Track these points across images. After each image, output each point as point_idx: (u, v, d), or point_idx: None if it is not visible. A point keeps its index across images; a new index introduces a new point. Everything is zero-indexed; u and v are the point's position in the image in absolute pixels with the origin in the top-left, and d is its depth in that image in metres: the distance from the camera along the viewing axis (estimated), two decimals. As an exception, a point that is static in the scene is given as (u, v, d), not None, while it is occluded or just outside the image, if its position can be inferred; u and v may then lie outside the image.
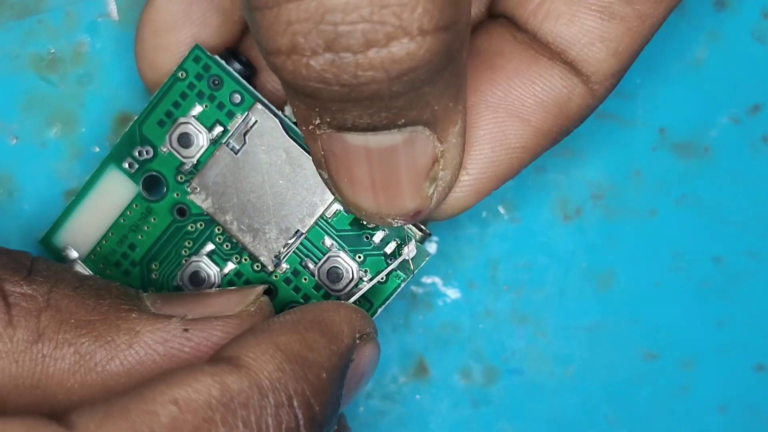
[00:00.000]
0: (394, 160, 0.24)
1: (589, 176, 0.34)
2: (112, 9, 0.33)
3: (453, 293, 0.34)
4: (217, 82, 0.28)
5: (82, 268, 0.30)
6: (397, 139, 0.24)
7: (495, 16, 0.29)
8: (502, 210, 0.34)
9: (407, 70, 0.21)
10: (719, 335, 0.34)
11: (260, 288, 0.27)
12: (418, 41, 0.21)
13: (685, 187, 0.34)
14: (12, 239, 0.32)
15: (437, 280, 0.34)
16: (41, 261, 0.26)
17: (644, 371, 0.34)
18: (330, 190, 0.27)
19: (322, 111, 0.23)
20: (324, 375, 0.24)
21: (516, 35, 0.28)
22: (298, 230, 0.28)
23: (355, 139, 0.24)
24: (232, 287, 0.28)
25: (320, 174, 0.26)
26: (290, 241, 0.28)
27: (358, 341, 0.25)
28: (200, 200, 0.28)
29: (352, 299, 0.28)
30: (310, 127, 0.24)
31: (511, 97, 0.27)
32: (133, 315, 0.25)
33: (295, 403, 0.23)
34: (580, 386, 0.34)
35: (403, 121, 0.23)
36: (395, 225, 0.27)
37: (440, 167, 0.25)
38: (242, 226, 0.28)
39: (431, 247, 0.34)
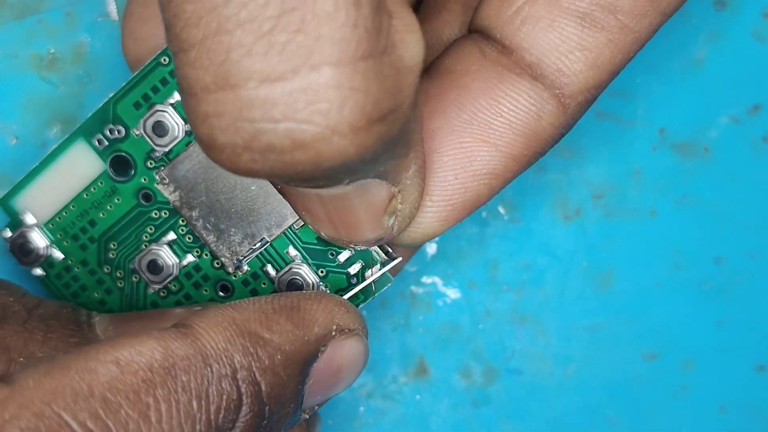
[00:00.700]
0: (348, 204, 0.24)
1: (589, 176, 0.34)
2: (112, 9, 0.33)
3: (453, 293, 0.34)
4: None
5: (39, 235, 0.29)
6: (348, 189, 0.23)
7: (471, 31, 0.28)
8: (502, 210, 0.34)
9: (340, 164, 0.20)
10: (719, 335, 0.34)
11: None
12: (349, 139, 0.19)
13: (685, 187, 0.34)
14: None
15: (437, 280, 0.34)
16: None
17: (644, 371, 0.34)
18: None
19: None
20: (279, 357, 0.23)
21: (486, 50, 0.26)
22: (263, 238, 0.28)
23: (307, 189, 0.23)
24: (182, 308, 0.28)
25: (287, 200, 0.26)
26: (254, 247, 0.28)
27: (336, 334, 0.25)
28: (168, 192, 0.28)
29: None
30: None
31: (477, 119, 0.26)
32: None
33: (239, 377, 0.23)
34: (580, 386, 0.34)
35: (348, 181, 0.22)
36: (359, 248, 0.27)
37: (398, 201, 0.25)
38: (207, 225, 0.28)
39: (431, 248, 0.34)
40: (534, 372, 0.34)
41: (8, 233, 0.30)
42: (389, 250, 0.28)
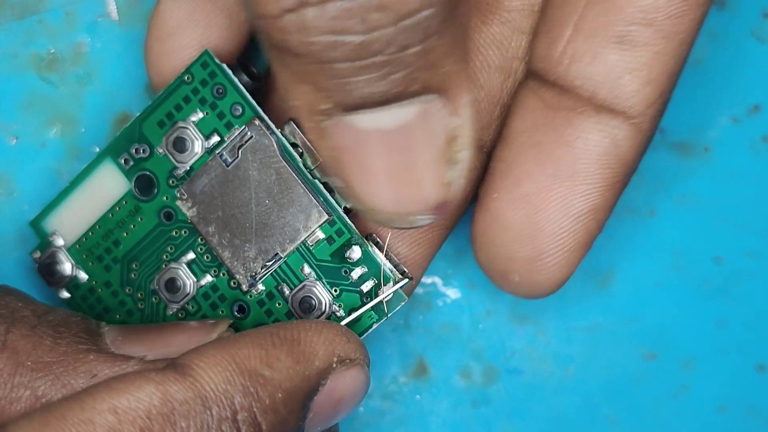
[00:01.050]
0: (411, 139, 0.23)
1: (589, 176, 0.34)
2: (112, 9, 0.33)
3: (453, 293, 0.34)
4: (221, 90, 0.28)
5: (65, 257, 0.30)
6: (410, 114, 0.23)
7: (530, 74, 0.29)
8: (502, 210, 0.34)
9: (413, 10, 0.21)
10: (719, 335, 0.34)
11: (224, 324, 0.27)
12: None
13: (685, 187, 0.34)
14: (11, 239, 0.32)
15: (437, 280, 0.34)
16: None
17: (644, 371, 0.34)
18: (344, 197, 0.26)
19: (330, 86, 0.22)
20: (280, 395, 0.23)
21: (546, 98, 0.27)
22: (277, 254, 0.28)
23: (368, 120, 0.23)
24: (196, 321, 0.28)
25: (333, 182, 0.25)
26: (268, 264, 0.28)
27: (337, 365, 0.25)
28: (186, 207, 0.28)
29: None
30: (317, 117, 0.23)
31: (561, 169, 0.27)
32: (91, 356, 0.25)
33: (239, 418, 0.22)
34: (580, 386, 0.34)
35: (415, 87, 0.22)
36: (420, 224, 0.25)
37: (457, 148, 0.24)
38: (223, 240, 0.28)
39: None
40: (534, 372, 0.34)
41: (38, 254, 0.30)
42: (404, 269, 0.28)
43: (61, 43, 0.33)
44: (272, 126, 0.28)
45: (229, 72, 0.28)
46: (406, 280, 0.27)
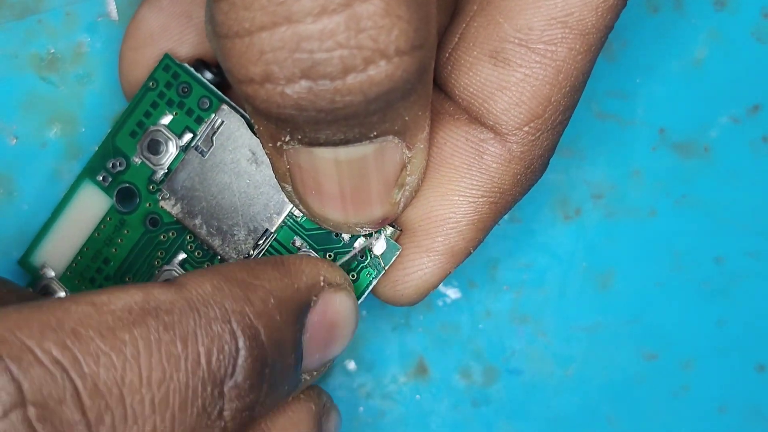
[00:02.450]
0: (364, 170, 0.24)
1: (589, 176, 0.34)
2: (112, 9, 0.33)
3: (453, 293, 0.34)
4: (186, 89, 0.29)
5: (58, 286, 0.30)
6: (367, 150, 0.24)
7: None
8: (502, 210, 0.34)
9: (385, 92, 0.21)
10: (719, 335, 0.34)
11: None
12: (395, 62, 0.21)
13: (685, 187, 0.34)
14: (11, 239, 0.32)
15: (437, 280, 0.34)
16: None
17: (644, 371, 0.34)
18: (293, 203, 0.26)
19: (293, 131, 0.23)
20: (272, 301, 0.23)
21: (435, 102, 0.27)
22: (266, 229, 0.28)
23: (325, 152, 0.24)
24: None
25: (283, 187, 0.26)
26: (260, 242, 0.28)
27: (325, 285, 0.25)
28: (170, 206, 0.29)
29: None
30: (278, 143, 0.24)
31: (435, 172, 0.27)
32: None
33: (233, 320, 0.22)
34: (580, 386, 0.34)
35: (374, 133, 0.23)
36: (362, 233, 0.27)
37: (407, 173, 0.25)
38: (211, 230, 0.28)
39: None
40: (534, 372, 0.34)
41: (30, 291, 0.30)
42: (393, 223, 0.28)
43: (61, 43, 0.33)
44: (238, 108, 0.28)
45: (192, 69, 0.29)
46: (398, 230, 0.28)
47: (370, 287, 0.28)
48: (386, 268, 0.28)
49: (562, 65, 0.25)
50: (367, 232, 0.27)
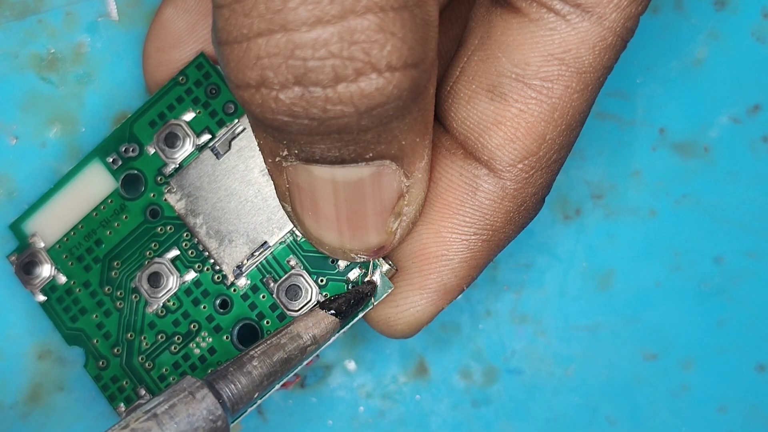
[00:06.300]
0: (361, 194, 0.24)
1: (589, 176, 0.34)
2: (112, 9, 0.33)
3: (453, 293, 0.34)
4: (214, 90, 0.29)
5: (45, 258, 0.29)
6: (364, 173, 0.24)
7: None
8: (502, 210, 0.34)
9: (376, 105, 0.21)
10: (719, 335, 0.34)
11: None
12: (386, 77, 0.21)
13: (685, 187, 0.34)
14: (11, 239, 0.32)
15: (437, 280, 0.34)
16: None
17: (644, 371, 0.34)
18: (293, 222, 0.26)
19: (289, 144, 0.23)
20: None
21: (435, 135, 0.27)
22: (265, 242, 0.28)
23: (322, 171, 0.24)
24: None
25: (283, 206, 0.26)
26: (255, 253, 0.28)
27: None
28: (174, 200, 0.29)
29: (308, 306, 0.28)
30: (276, 159, 0.24)
31: (430, 207, 0.27)
32: None
33: None
34: (580, 386, 0.34)
35: (370, 154, 0.23)
36: (357, 260, 0.27)
37: (405, 203, 0.25)
38: (210, 231, 0.28)
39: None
40: (534, 372, 0.34)
41: (14, 257, 0.30)
42: (389, 260, 0.28)
43: (61, 43, 0.33)
44: None
45: None
46: (393, 269, 0.27)
47: (356, 320, 0.28)
48: (375, 303, 0.27)
49: (558, 103, 0.25)
50: (363, 261, 0.27)
